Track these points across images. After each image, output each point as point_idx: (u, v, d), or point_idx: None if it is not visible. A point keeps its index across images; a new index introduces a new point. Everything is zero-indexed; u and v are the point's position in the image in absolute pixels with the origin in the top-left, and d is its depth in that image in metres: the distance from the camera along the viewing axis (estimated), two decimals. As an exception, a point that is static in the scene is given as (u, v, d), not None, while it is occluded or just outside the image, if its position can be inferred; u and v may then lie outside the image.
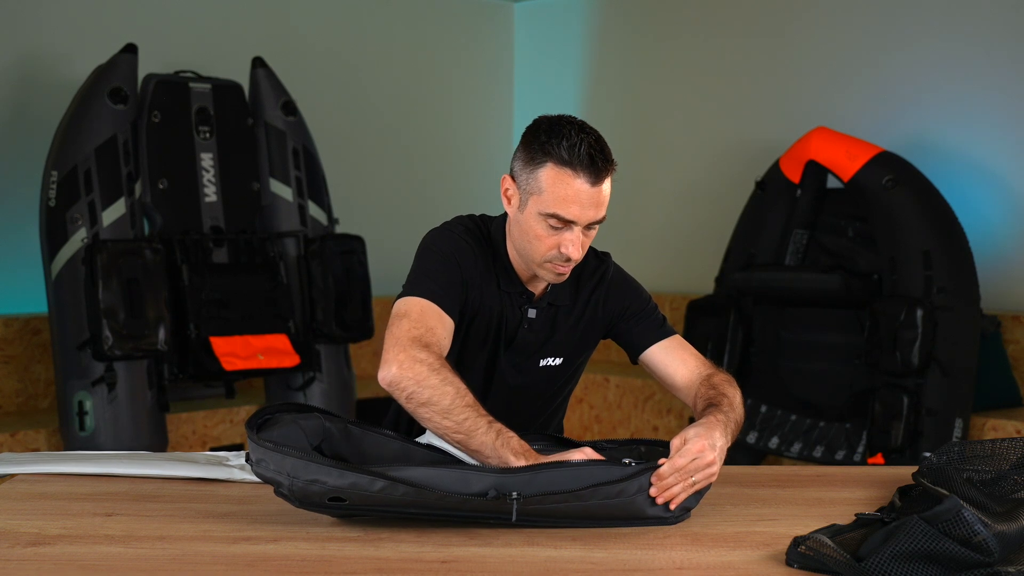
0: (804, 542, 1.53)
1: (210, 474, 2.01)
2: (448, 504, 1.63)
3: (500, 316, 2.04)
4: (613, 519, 1.70)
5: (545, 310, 2.07)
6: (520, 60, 6.47)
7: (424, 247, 2.02)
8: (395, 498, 1.62)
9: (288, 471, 1.64)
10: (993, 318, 4.33)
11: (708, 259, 5.28)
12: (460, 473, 1.64)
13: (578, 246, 1.92)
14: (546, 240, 1.92)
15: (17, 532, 1.67)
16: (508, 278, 2.03)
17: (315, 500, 1.65)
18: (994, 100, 4.62)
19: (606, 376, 5.23)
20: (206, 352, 4.38)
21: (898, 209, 4.21)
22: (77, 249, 4.18)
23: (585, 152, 1.87)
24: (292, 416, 1.80)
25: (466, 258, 2.00)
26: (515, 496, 1.62)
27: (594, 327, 2.12)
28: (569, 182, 1.88)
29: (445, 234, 2.03)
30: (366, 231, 5.07)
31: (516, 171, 1.96)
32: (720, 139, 5.55)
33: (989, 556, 1.41)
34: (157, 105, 4.46)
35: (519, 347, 2.07)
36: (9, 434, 4.20)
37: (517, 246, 2.00)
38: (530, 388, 2.12)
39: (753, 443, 4.56)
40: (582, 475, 1.66)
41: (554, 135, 1.89)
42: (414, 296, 1.92)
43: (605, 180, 1.91)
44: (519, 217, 1.96)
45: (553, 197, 1.89)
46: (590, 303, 2.10)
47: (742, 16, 5.49)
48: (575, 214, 1.89)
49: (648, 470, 1.71)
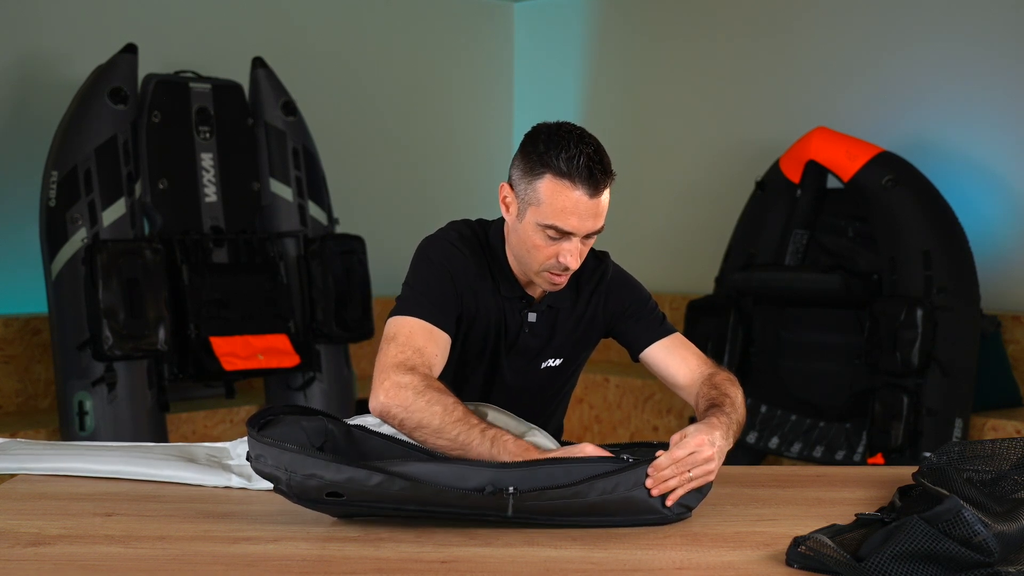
0: (804, 542, 1.53)
1: (209, 480, 1.99)
2: (445, 499, 1.63)
3: (500, 321, 2.04)
4: (612, 515, 1.70)
5: (545, 313, 2.07)
6: (520, 60, 6.47)
7: (418, 258, 2.02)
8: (392, 493, 1.62)
9: (286, 466, 1.64)
10: (993, 318, 4.33)
11: (708, 259, 5.28)
12: (457, 468, 1.64)
13: (576, 256, 1.93)
14: (544, 250, 1.93)
15: (17, 532, 1.67)
16: (507, 283, 2.04)
17: (313, 495, 1.65)
18: (994, 100, 4.62)
19: (606, 376, 5.23)
20: (206, 352, 4.38)
21: (898, 209, 4.21)
22: (77, 249, 4.18)
23: (584, 164, 1.86)
24: (295, 417, 1.80)
25: (459, 267, 2.00)
26: (511, 491, 1.62)
27: (594, 327, 2.12)
28: (568, 194, 1.87)
29: (438, 243, 2.03)
30: (366, 231, 5.07)
31: (514, 180, 1.95)
32: (720, 139, 5.55)
33: (989, 556, 1.41)
34: (157, 105, 4.46)
35: (520, 351, 2.07)
36: (9, 434, 4.20)
37: (515, 254, 2.00)
38: (531, 388, 2.12)
39: (753, 443, 4.56)
40: (578, 470, 1.66)
41: (552, 146, 1.88)
42: (403, 316, 1.93)
43: (604, 191, 1.90)
44: (517, 226, 1.95)
45: (551, 209, 1.88)
46: (591, 303, 2.10)
47: (742, 16, 5.49)
48: (573, 226, 1.89)
49: (645, 464, 1.70)
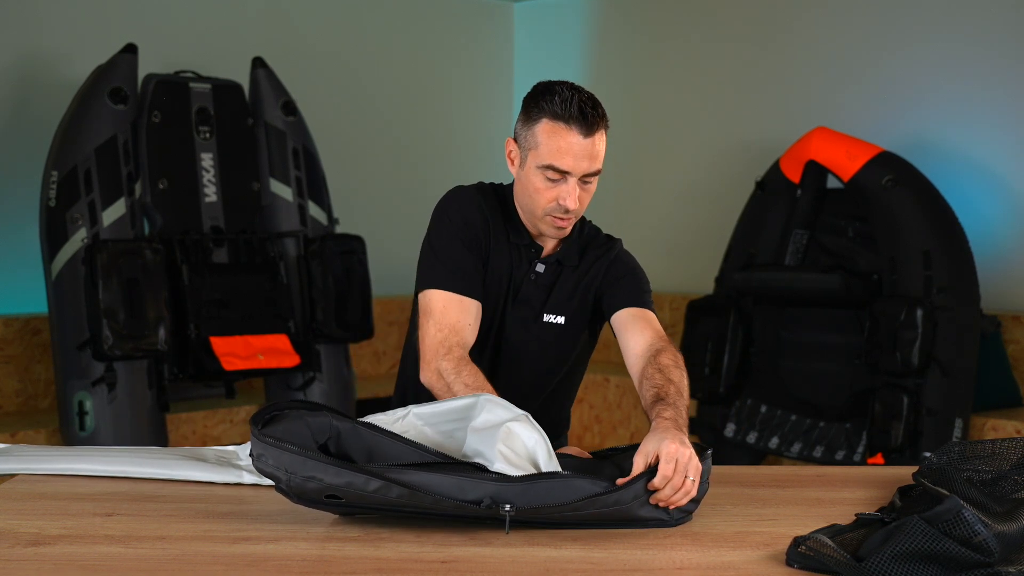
0: (804, 542, 1.53)
1: (220, 477, 2.00)
2: (442, 508, 1.64)
3: (509, 270, 2.14)
4: (611, 522, 1.71)
5: (553, 266, 2.16)
6: (520, 60, 6.47)
7: (438, 216, 2.16)
8: (390, 499, 1.63)
9: (286, 467, 1.65)
10: (993, 318, 4.33)
11: (708, 259, 5.28)
12: (457, 479, 1.65)
13: (575, 198, 2.03)
14: (545, 193, 2.04)
15: (17, 532, 1.67)
16: (517, 231, 2.15)
17: (312, 497, 1.67)
18: (994, 100, 4.62)
19: (606, 376, 5.23)
20: (206, 352, 4.38)
21: (898, 209, 4.21)
22: (77, 249, 4.18)
23: (576, 106, 2.00)
24: (299, 413, 1.80)
25: (477, 216, 2.13)
26: (508, 509, 1.63)
27: (590, 291, 2.18)
28: (563, 134, 2.01)
29: (457, 197, 2.17)
30: (366, 231, 5.07)
31: (517, 131, 2.11)
32: (720, 139, 5.55)
33: (989, 556, 1.41)
34: (157, 105, 4.46)
35: (524, 300, 2.15)
36: (9, 434, 4.20)
37: (521, 203, 2.13)
38: (533, 345, 2.16)
39: (753, 443, 4.56)
40: (577, 487, 1.66)
41: (548, 94, 2.05)
42: (434, 289, 2.08)
43: (598, 133, 2.02)
44: (521, 174, 2.09)
45: (548, 150, 2.02)
46: (593, 267, 2.18)
47: (742, 16, 5.49)
48: (569, 165, 2.01)
49: (642, 478, 1.70)
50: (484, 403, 1.91)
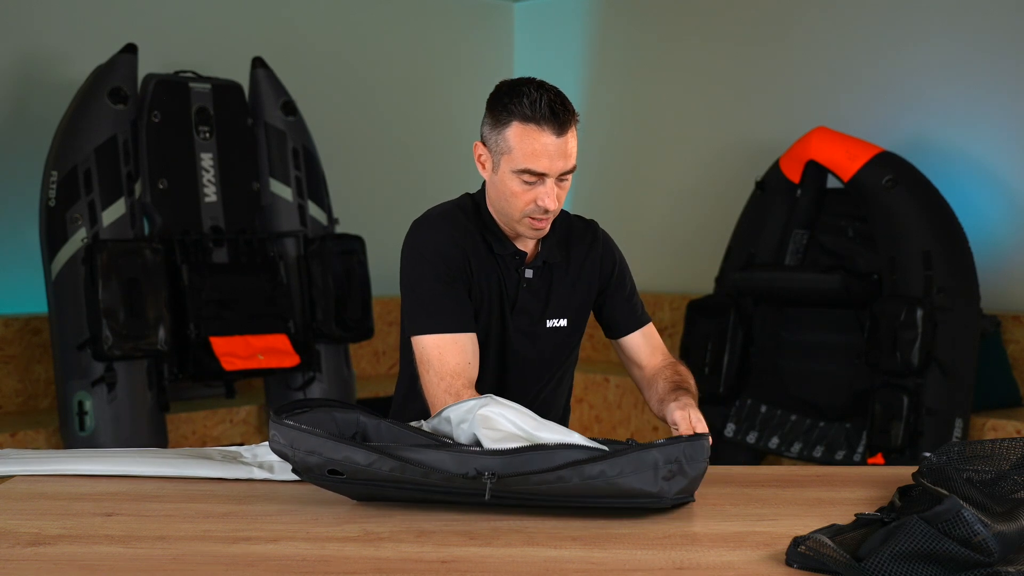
0: (804, 542, 1.53)
1: (230, 473, 2.01)
2: (432, 481, 1.70)
3: (499, 282, 2.12)
4: (601, 498, 1.70)
5: (541, 269, 2.15)
6: (520, 60, 6.47)
7: (410, 258, 2.09)
8: (384, 473, 1.69)
9: (292, 443, 1.73)
10: (993, 318, 4.33)
11: (708, 259, 5.28)
12: (449, 454, 1.70)
13: (553, 197, 2.02)
14: (523, 196, 2.02)
15: (17, 532, 1.67)
16: (498, 241, 2.11)
17: (316, 472, 1.74)
18: (994, 100, 4.62)
19: (606, 376, 5.23)
20: (206, 352, 4.38)
21: (898, 209, 4.21)
22: (77, 249, 4.18)
23: (546, 106, 1.96)
24: (329, 409, 1.86)
25: (449, 245, 2.07)
26: (488, 475, 1.66)
27: (591, 284, 2.20)
28: (536, 136, 1.97)
29: (424, 229, 2.10)
30: (366, 231, 5.07)
31: (485, 135, 2.05)
32: (720, 139, 5.55)
33: (989, 556, 1.41)
34: (157, 105, 4.46)
35: (522, 309, 2.13)
36: (9, 434, 4.20)
37: (496, 207, 2.09)
38: (540, 352, 2.16)
39: (753, 443, 4.56)
40: (559, 455, 1.69)
41: (515, 95, 1.99)
42: (424, 335, 2.04)
43: (569, 130, 2.00)
44: (494, 179, 2.05)
45: (522, 153, 1.98)
46: (587, 260, 2.19)
47: (742, 16, 5.49)
48: (545, 166, 1.99)
49: (633, 450, 1.69)
50: (489, 402, 1.93)
